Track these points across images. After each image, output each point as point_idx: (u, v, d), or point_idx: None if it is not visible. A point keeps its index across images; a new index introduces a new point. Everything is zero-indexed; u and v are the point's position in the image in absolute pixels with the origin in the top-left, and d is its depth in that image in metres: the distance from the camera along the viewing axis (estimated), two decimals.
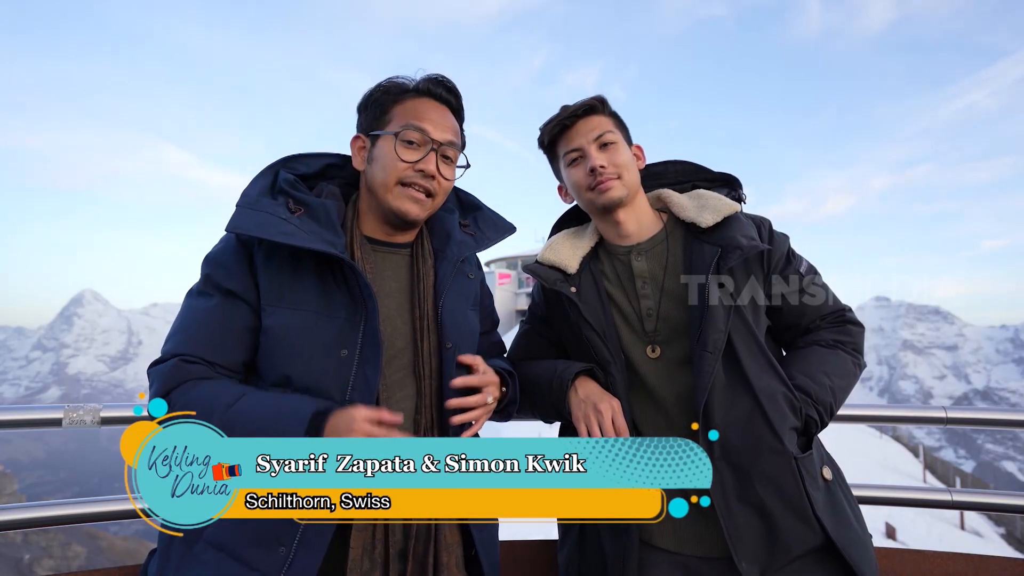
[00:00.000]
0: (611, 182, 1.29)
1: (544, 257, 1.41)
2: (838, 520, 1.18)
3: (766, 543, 1.16)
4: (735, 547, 1.15)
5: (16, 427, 1.38)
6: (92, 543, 45.66)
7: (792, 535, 1.15)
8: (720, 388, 1.20)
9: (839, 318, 1.34)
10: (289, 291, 1.09)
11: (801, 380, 1.24)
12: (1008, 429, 1.69)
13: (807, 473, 1.18)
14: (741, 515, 1.16)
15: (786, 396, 1.21)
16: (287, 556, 1.00)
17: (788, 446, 1.17)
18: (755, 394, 1.19)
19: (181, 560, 1.03)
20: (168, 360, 1.05)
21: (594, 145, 1.30)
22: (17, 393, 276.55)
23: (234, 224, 1.08)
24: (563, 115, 1.33)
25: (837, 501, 1.22)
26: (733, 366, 1.21)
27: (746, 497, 1.17)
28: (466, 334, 1.22)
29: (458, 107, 1.24)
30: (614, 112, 1.36)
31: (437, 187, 1.18)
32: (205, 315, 1.09)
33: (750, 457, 1.17)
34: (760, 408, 1.18)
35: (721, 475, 1.18)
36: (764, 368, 1.22)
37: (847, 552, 1.15)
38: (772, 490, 1.16)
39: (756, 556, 1.15)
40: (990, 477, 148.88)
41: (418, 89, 1.20)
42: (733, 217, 1.29)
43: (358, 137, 1.23)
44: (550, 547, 1.60)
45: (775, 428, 1.17)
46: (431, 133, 1.16)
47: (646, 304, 1.30)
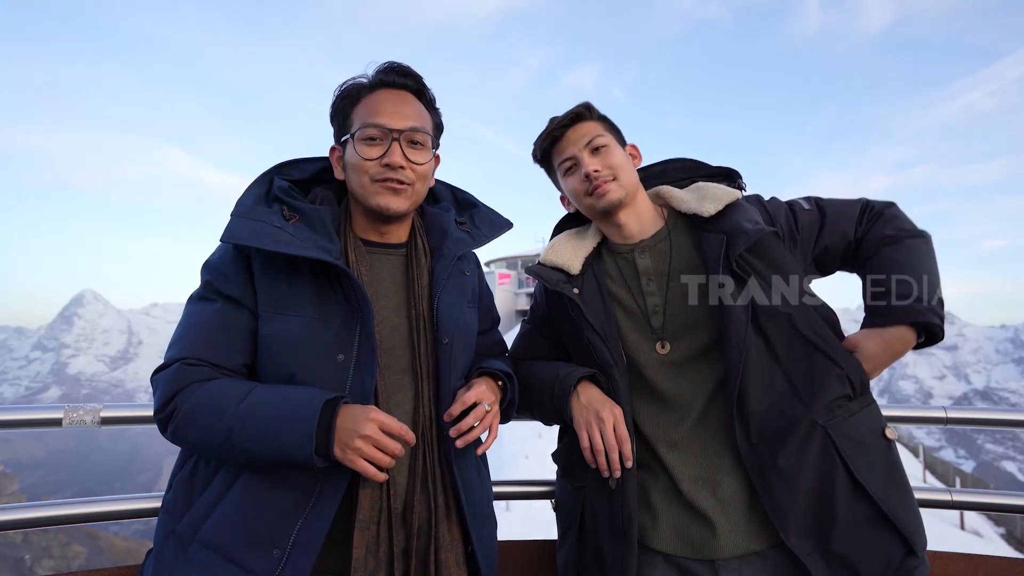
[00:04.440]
0: (607, 184, 1.29)
1: (546, 258, 1.41)
2: (889, 483, 1.17)
3: (811, 515, 1.14)
4: (781, 525, 1.14)
5: (16, 427, 1.38)
6: (92, 543, 45.63)
7: (833, 502, 1.13)
8: (755, 379, 1.19)
9: (875, 213, 1.34)
10: (286, 298, 1.09)
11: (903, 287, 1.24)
12: (1008, 429, 1.69)
13: (843, 437, 1.16)
14: (780, 491, 1.15)
15: (829, 369, 1.20)
16: (281, 558, 1.00)
17: (817, 416, 1.16)
18: (788, 374, 1.19)
19: (175, 561, 1.03)
20: (171, 365, 1.05)
21: (586, 151, 1.31)
22: (17, 393, 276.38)
23: (229, 234, 1.08)
24: (552, 127, 1.34)
25: (895, 463, 1.20)
26: (765, 355, 1.21)
27: (785, 475, 1.15)
28: (463, 330, 1.22)
29: (418, 88, 1.22)
30: (603, 116, 1.37)
31: (411, 175, 1.17)
32: (206, 319, 1.10)
33: (784, 435, 1.17)
34: (794, 388, 1.18)
35: (760, 458, 1.17)
36: (800, 348, 1.21)
37: (895, 514, 1.13)
38: (807, 463, 1.15)
39: (805, 531, 1.14)
40: (990, 477, 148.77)
41: (372, 84, 1.19)
42: (735, 204, 1.29)
43: (334, 148, 1.24)
44: (549, 547, 1.60)
45: (807, 404, 1.17)
46: (388, 124, 1.15)
47: (652, 301, 1.30)
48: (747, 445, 1.19)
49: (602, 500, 1.26)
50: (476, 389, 1.16)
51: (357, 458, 0.99)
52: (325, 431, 0.99)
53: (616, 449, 1.20)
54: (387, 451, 1.00)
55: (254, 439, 0.99)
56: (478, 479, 1.23)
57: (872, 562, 1.12)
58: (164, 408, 1.04)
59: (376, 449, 0.99)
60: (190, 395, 1.02)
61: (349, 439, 0.99)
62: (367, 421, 0.99)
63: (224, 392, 1.03)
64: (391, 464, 1.02)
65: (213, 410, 1.01)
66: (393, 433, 1.01)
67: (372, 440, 0.99)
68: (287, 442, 0.98)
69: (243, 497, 1.03)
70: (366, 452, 0.99)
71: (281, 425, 0.99)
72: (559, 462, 1.43)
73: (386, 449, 1.00)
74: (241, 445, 1.00)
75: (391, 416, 1.03)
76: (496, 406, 1.20)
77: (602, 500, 1.26)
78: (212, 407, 1.01)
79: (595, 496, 1.29)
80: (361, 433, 0.98)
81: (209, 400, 1.02)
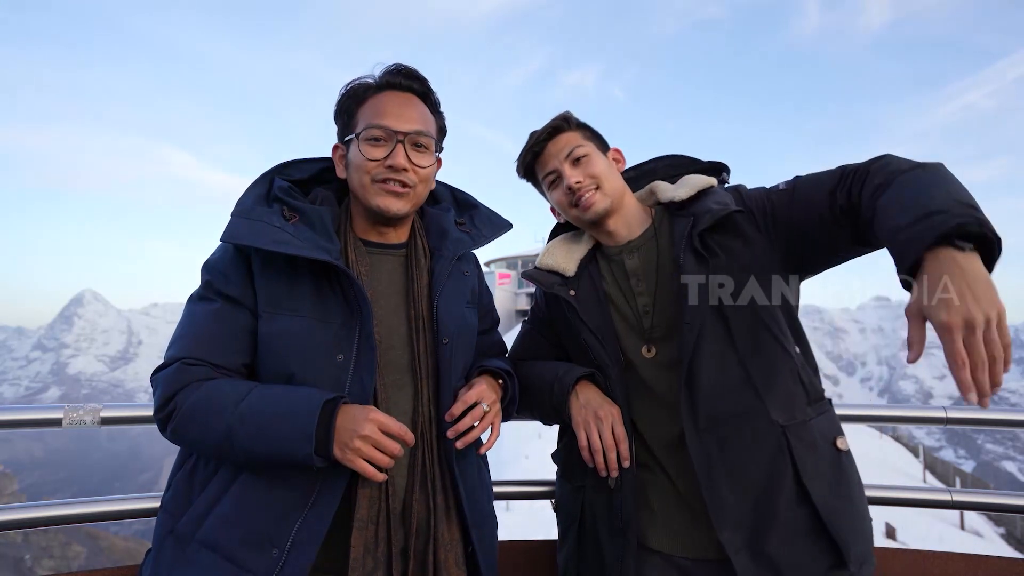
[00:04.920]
0: (592, 195, 1.29)
1: (542, 262, 1.42)
2: (834, 491, 1.15)
3: (749, 512, 1.14)
4: (716, 517, 1.14)
5: (16, 427, 1.37)
6: (92, 543, 45.65)
7: (775, 503, 1.13)
8: (707, 360, 1.19)
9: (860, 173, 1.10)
10: (286, 298, 1.10)
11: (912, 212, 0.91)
12: (1008, 429, 1.69)
13: (799, 440, 1.15)
14: (724, 485, 1.15)
15: (788, 364, 1.19)
16: (280, 557, 1.00)
17: (776, 416, 1.16)
18: (744, 363, 1.18)
19: (174, 561, 1.03)
20: (171, 365, 1.06)
21: (567, 163, 1.30)
22: (17, 393, 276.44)
23: (229, 234, 1.09)
24: (531, 143, 1.34)
25: (844, 473, 1.19)
26: (723, 339, 1.20)
27: (729, 465, 1.16)
28: (463, 330, 1.23)
29: (424, 92, 1.22)
30: (581, 124, 1.36)
31: (414, 178, 1.17)
32: (206, 319, 1.10)
33: (736, 427, 1.17)
34: (748, 376, 1.18)
35: (707, 446, 1.17)
36: (759, 338, 1.20)
37: (834, 524, 1.12)
38: (756, 460, 1.15)
39: (739, 526, 1.14)
40: (990, 477, 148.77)
41: (378, 84, 1.19)
42: (709, 190, 1.29)
43: (337, 146, 1.24)
44: (550, 547, 1.60)
45: (762, 397, 1.16)
46: (393, 126, 1.15)
47: (643, 301, 1.30)
48: (694, 431, 1.18)
49: (601, 500, 1.27)
50: (477, 388, 1.16)
51: (356, 458, 0.99)
52: (324, 431, 0.99)
53: (614, 449, 1.21)
54: (386, 451, 1.00)
55: (253, 438, 0.99)
56: (478, 479, 1.23)
57: (798, 568, 1.11)
58: (164, 407, 1.03)
59: (375, 449, 1.00)
60: (190, 394, 1.02)
61: (348, 439, 0.99)
62: (366, 421, 0.99)
63: (224, 391, 1.03)
64: (390, 464, 1.02)
65: (213, 409, 1.01)
66: (393, 434, 1.01)
67: (371, 440, 0.99)
68: (286, 441, 0.98)
69: (242, 497, 1.03)
70: (365, 452, 0.99)
71: (281, 424, 0.99)
72: (559, 462, 1.43)
73: (385, 449, 1.00)
74: (240, 444, 1.00)
75: (390, 416, 1.03)
76: (496, 404, 1.20)
77: (601, 500, 1.27)
78: (212, 406, 1.01)
79: (595, 496, 1.29)
80: (360, 433, 0.99)
81: (209, 399, 1.02)
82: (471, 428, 1.13)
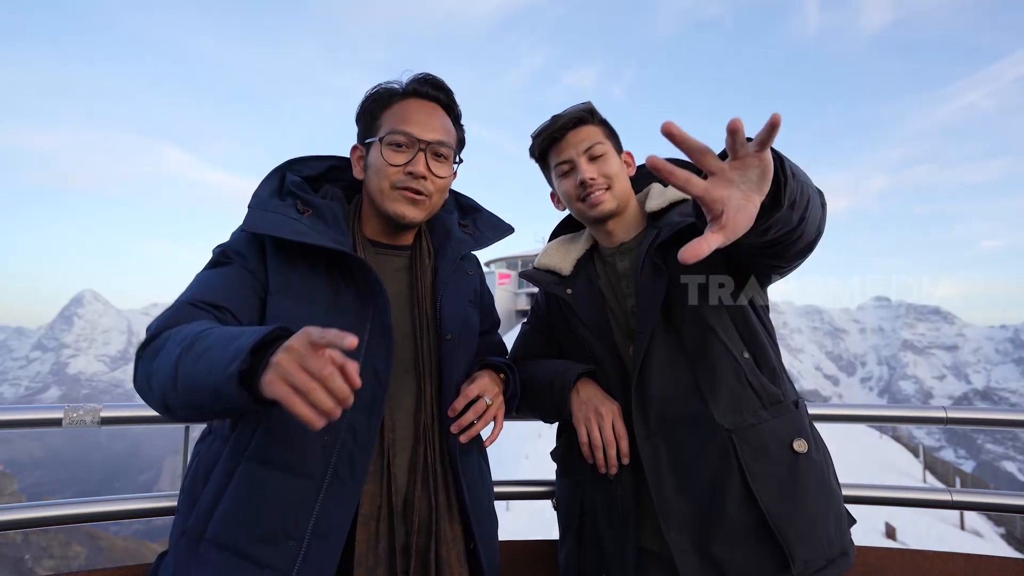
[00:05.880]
0: (602, 194, 1.29)
1: (540, 262, 1.44)
2: (785, 494, 1.14)
3: (697, 515, 1.15)
4: (664, 518, 1.15)
5: (16, 427, 1.37)
6: (92, 543, 45.65)
7: (722, 505, 1.14)
8: (657, 365, 1.20)
9: None
10: (299, 285, 1.09)
11: None
12: (1008, 429, 1.69)
13: (746, 443, 1.15)
14: (671, 487, 1.17)
15: (734, 368, 1.19)
16: (299, 549, 0.98)
17: (721, 419, 1.16)
18: (693, 368, 1.19)
19: (187, 562, 1.01)
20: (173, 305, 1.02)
21: (584, 157, 1.30)
22: (17, 393, 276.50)
23: (249, 223, 1.09)
24: (553, 127, 1.33)
25: (798, 476, 1.16)
26: (674, 346, 1.21)
27: (676, 468, 1.17)
28: (466, 328, 1.23)
29: (448, 103, 1.24)
30: (603, 120, 1.36)
31: (431, 187, 1.18)
32: (220, 274, 1.07)
33: (685, 431, 1.18)
34: (695, 382, 1.19)
35: (656, 449, 1.19)
36: (706, 343, 1.20)
37: (780, 528, 1.11)
38: (703, 463, 1.16)
39: (685, 526, 1.15)
40: (990, 477, 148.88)
41: (405, 91, 1.20)
42: (681, 201, 1.29)
43: (356, 147, 1.24)
44: (551, 547, 1.60)
45: (707, 401, 1.17)
46: (417, 134, 1.16)
47: (630, 303, 1.31)
48: (644, 433, 1.20)
49: (601, 494, 1.28)
50: (479, 382, 1.18)
51: (276, 380, 0.73)
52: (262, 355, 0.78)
53: (614, 445, 1.22)
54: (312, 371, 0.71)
55: (191, 360, 0.83)
56: (480, 477, 1.24)
57: (742, 570, 1.11)
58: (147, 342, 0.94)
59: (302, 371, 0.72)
60: (179, 331, 0.90)
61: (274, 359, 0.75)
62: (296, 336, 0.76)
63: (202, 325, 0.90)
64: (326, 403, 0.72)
65: (176, 339, 0.89)
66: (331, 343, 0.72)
67: (295, 355, 0.73)
68: (217, 360, 0.79)
69: (242, 491, 1.00)
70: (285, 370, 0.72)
71: (224, 345, 0.81)
72: (557, 459, 1.43)
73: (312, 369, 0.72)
74: (182, 371, 0.84)
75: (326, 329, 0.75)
76: (499, 398, 1.21)
77: (601, 494, 1.28)
78: (181, 335, 0.88)
79: (594, 491, 1.30)
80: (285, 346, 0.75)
81: (182, 330, 0.90)
82: (473, 424, 1.13)
